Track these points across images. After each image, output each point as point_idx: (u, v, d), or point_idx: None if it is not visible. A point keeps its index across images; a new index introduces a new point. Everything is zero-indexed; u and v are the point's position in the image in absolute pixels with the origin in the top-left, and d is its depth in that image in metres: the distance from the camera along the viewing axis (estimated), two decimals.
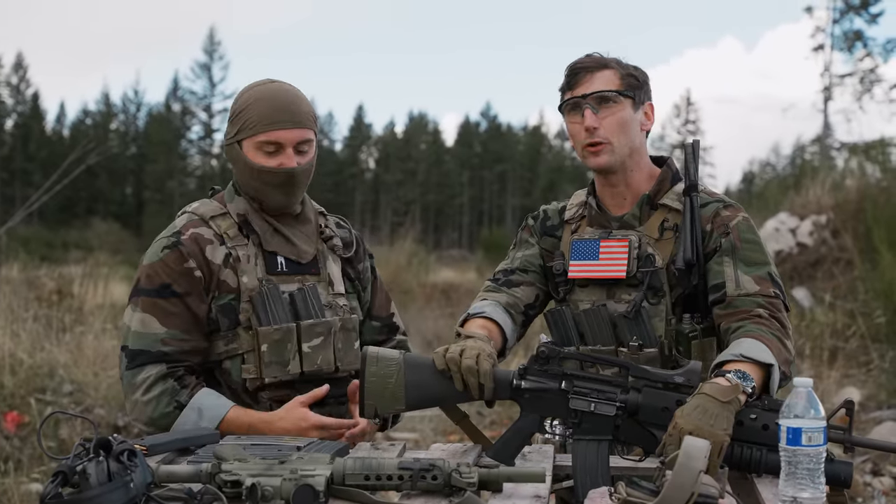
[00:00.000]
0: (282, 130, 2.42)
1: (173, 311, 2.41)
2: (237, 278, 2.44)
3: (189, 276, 2.42)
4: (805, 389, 1.77)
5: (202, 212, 2.50)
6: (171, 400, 2.36)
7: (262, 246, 2.49)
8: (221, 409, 2.36)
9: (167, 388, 2.37)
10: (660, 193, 2.46)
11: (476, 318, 2.41)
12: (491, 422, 6.96)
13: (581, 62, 2.46)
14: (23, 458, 5.61)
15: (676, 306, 2.40)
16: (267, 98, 2.45)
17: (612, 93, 2.40)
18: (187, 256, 2.42)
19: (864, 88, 29.48)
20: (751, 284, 2.29)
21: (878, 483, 5.31)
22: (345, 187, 65.48)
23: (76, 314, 8.47)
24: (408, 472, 1.73)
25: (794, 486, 1.75)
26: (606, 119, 2.40)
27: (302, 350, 2.44)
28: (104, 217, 49.82)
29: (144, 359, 2.39)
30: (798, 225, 10.28)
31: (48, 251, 24.82)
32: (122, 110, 65.20)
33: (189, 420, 2.34)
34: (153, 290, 2.42)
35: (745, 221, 2.40)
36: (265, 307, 2.42)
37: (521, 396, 2.09)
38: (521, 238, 2.64)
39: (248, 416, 2.38)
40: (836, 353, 8.08)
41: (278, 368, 2.42)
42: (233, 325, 2.43)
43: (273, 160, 2.43)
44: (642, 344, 2.36)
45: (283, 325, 2.42)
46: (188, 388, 2.38)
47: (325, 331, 2.48)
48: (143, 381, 2.38)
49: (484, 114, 72.46)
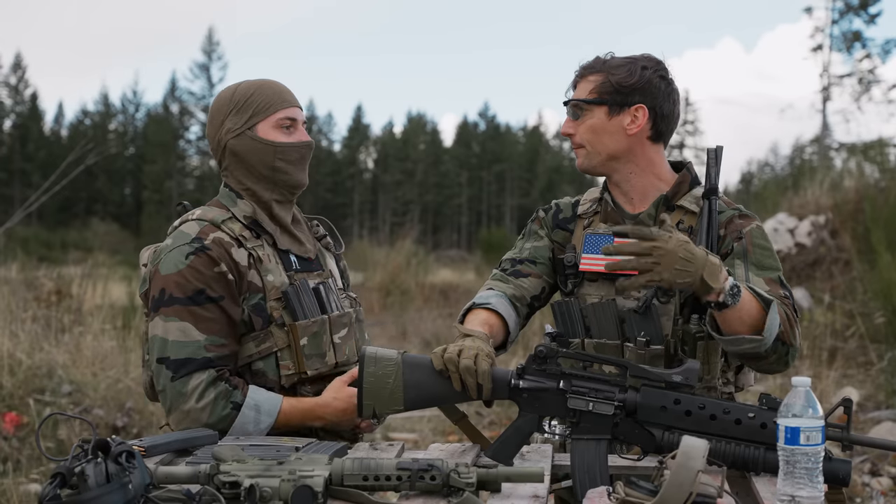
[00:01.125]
0: (295, 108, 2.57)
1: (210, 316, 2.39)
2: (261, 278, 2.46)
3: (222, 279, 2.41)
4: (803, 388, 1.77)
5: (210, 217, 2.49)
6: (227, 402, 2.36)
7: (276, 245, 2.53)
8: (276, 400, 2.40)
9: (220, 391, 2.36)
10: (677, 195, 2.47)
11: (480, 308, 2.43)
12: (490, 421, 6.96)
13: (582, 65, 2.50)
14: (21, 458, 5.61)
15: (685, 307, 2.41)
16: (267, 84, 2.57)
17: (582, 102, 2.46)
18: (218, 260, 2.41)
19: (862, 89, 29.51)
20: (761, 286, 2.30)
21: (877, 483, 5.31)
22: (343, 188, 65.55)
23: (75, 315, 8.46)
24: (406, 473, 1.73)
25: (792, 484, 1.75)
26: (580, 126, 2.48)
27: (334, 341, 2.51)
28: (103, 217, 49.92)
29: (192, 367, 2.37)
30: (796, 225, 10.29)
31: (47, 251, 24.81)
32: (120, 111, 65.29)
33: (249, 418, 2.36)
34: (186, 297, 2.39)
35: (758, 229, 2.44)
36: (300, 302, 2.47)
37: (519, 396, 2.09)
38: (531, 229, 2.65)
39: (302, 403, 2.44)
40: (834, 353, 8.09)
41: (318, 360, 2.48)
42: (266, 325, 2.46)
43: (292, 136, 2.55)
44: (649, 340, 2.37)
45: (318, 317, 2.49)
46: (239, 389, 2.39)
47: (349, 321, 2.58)
48: (194, 388, 2.36)
49: (482, 114, 72.53)
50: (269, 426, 2.38)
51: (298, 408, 2.42)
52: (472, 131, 71.52)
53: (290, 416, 2.41)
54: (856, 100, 29.04)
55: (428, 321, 12.01)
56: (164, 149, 59.70)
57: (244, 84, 2.57)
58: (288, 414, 2.40)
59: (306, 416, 2.42)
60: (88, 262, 11.54)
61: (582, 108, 2.46)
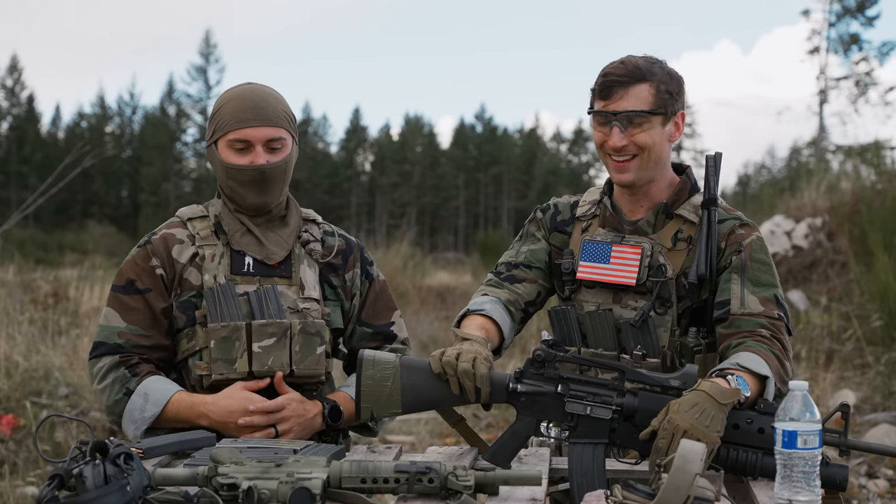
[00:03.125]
0: (250, 128, 2.48)
1: (134, 306, 2.51)
2: (201, 276, 2.49)
3: (151, 273, 2.52)
4: (801, 392, 1.78)
5: (183, 213, 2.61)
6: (122, 387, 2.45)
7: (230, 245, 2.53)
8: (167, 392, 2.43)
9: (118, 376, 2.47)
10: (676, 203, 2.44)
11: (475, 315, 2.41)
12: (487, 424, 6.95)
13: (616, 73, 2.35)
14: (18, 461, 5.59)
15: (682, 318, 2.39)
16: (239, 98, 2.52)
17: (642, 113, 2.33)
18: (151, 255, 2.54)
19: (859, 91, 29.54)
20: (755, 304, 2.28)
21: (874, 485, 5.31)
22: (340, 190, 65.46)
23: (72, 317, 8.45)
24: (404, 476, 1.74)
25: (789, 489, 1.75)
26: (635, 137, 2.34)
27: (252, 349, 2.44)
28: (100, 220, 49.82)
29: (102, 350, 2.51)
30: (793, 227, 10.30)
31: (43, 254, 24.82)
32: (117, 113, 65.16)
33: (136, 405, 2.43)
34: (120, 286, 2.55)
35: (758, 241, 2.39)
36: (216, 304, 2.45)
37: (517, 400, 2.09)
38: (528, 231, 2.61)
39: (192, 397, 2.45)
40: (831, 355, 8.09)
41: (225, 366, 2.44)
42: (190, 323, 2.49)
43: (243, 158, 2.50)
44: (645, 353, 2.36)
45: (232, 322, 2.44)
46: (139, 377, 2.46)
47: (278, 332, 2.46)
48: (98, 370, 2.49)
49: (478, 116, 72.45)
50: (155, 415, 2.42)
51: (186, 401, 2.43)
52: (469, 133, 71.49)
53: (179, 407, 2.43)
54: (853, 102, 29.07)
55: (425, 324, 11.98)
56: (160, 151, 59.59)
57: (225, 94, 2.57)
58: (177, 405, 2.42)
59: (192, 410, 2.42)
60: (85, 265, 11.56)
61: (637, 119, 2.33)
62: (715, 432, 1.91)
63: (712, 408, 1.92)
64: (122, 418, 2.46)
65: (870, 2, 30.49)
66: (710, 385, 1.96)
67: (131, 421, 2.44)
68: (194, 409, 2.42)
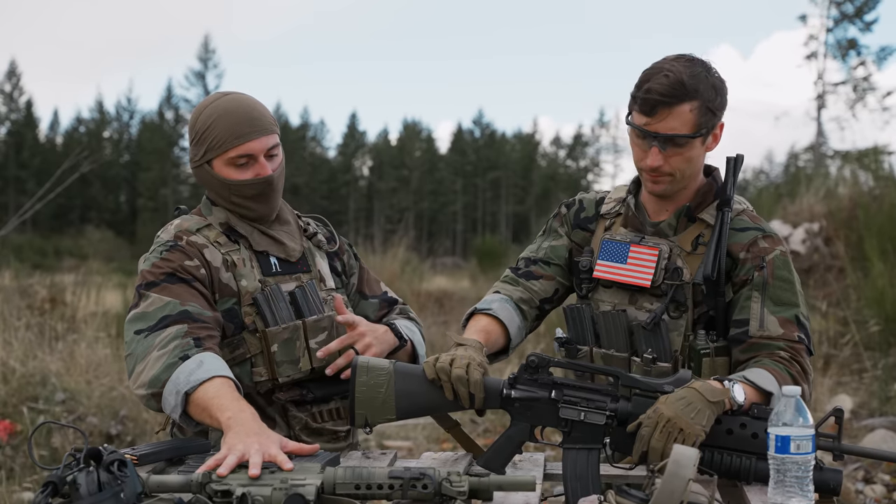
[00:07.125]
0: (251, 142, 2.43)
1: (184, 293, 2.34)
2: (236, 283, 2.44)
3: (194, 271, 2.39)
4: (794, 398, 1.78)
5: (186, 226, 2.48)
6: (181, 352, 2.21)
7: (253, 248, 2.50)
8: (221, 370, 2.18)
9: (182, 343, 2.23)
10: (700, 207, 2.40)
11: (481, 314, 2.43)
12: (484, 429, 6.95)
13: (659, 90, 2.24)
14: (15, 466, 5.59)
15: (697, 323, 2.36)
16: (228, 112, 2.44)
17: (683, 137, 2.27)
18: (190, 255, 2.40)
19: (857, 96, 29.59)
20: (775, 327, 2.24)
21: (871, 491, 5.31)
22: (338, 195, 65.49)
23: (69, 322, 8.45)
24: (398, 482, 1.74)
25: (782, 493, 1.76)
26: (673, 158, 2.29)
27: (310, 347, 2.46)
28: (97, 225, 49.87)
29: (168, 321, 2.28)
30: (791, 233, 10.30)
31: (41, 259, 24.82)
32: (115, 118, 65.21)
33: (186, 370, 2.16)
34: (157, 281, 2.35)
35: (782, 256, 2.33)
36: (270, 308, 2.43)
37: (511, 406, 2.09)
38: (552, 226, 2.61)
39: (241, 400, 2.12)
40: (828, 360, 8.09)
41: (290, 367, 2.43)
42: (238, 330, 2.43)
43: (247, 172, 2.45)
44: (656, 357, 2.34)
45: (290, 323, 2.44)
46: (202, 348, 2.24)
47: (329, 325, 2.49)
48: (162, 339, 2.24)
49: (476, 121, 72.51)
50: (200, 381, 2.12)
51: (233, 394, 2.12)
52: (468, 138, 71.53)
53: (222, 391, 2.11)
54: (851, 107, 29.13)
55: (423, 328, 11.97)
56: (159, 156, 59.66)
57: (207, 111, 2.46)
58: (224, 387, 2.12)
59: (236, 402, 2.09)
60: (82, 270, 11.55)
61: (679, 140, 2.27)
62: (699, 425, 1.92)
63: (699, 402, 1.94)
64: (165, 388, 2.17)
65: (868, 7, 30.56)
66: (701, 384, 1.99)
67: (174, 387, 2.15)
68: (215, 408, 2.07)
